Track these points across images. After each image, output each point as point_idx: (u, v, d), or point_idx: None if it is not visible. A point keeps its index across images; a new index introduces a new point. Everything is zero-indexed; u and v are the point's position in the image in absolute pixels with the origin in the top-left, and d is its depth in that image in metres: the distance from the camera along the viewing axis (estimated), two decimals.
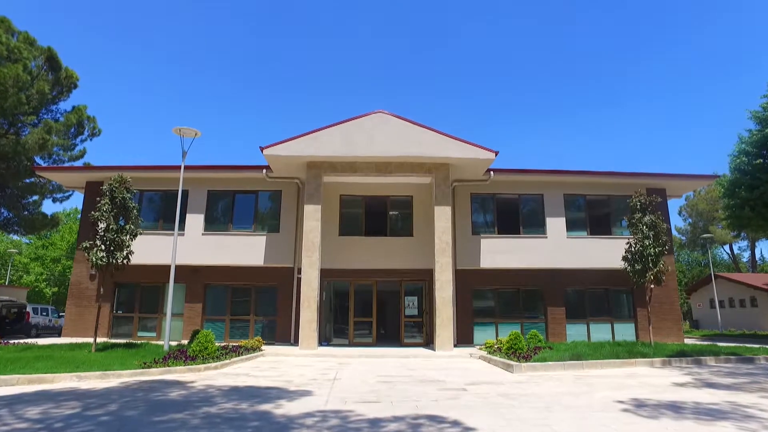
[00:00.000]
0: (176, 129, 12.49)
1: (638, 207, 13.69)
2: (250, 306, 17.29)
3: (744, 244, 39.67)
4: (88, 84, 75.18)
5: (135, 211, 12.94)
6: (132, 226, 12.73)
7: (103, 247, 12.23)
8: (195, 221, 17.26)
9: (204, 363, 10.29)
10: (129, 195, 12.74)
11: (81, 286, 17.31)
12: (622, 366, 10.99)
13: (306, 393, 7.60)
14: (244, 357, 12.14)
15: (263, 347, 14.84)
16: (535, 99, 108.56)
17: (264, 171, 16.71)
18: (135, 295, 17.51)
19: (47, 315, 23.07)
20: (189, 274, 17.23)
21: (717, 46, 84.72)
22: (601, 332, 17.42)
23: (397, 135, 15.48)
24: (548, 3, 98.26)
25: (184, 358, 10.32)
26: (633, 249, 13.65)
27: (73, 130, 22.49)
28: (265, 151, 15.23)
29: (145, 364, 9.40)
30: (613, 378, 9.36)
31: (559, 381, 9.03)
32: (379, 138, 15.44)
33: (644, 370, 10.50)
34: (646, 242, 13.13)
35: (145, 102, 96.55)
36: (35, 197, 24.56)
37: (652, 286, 17.65)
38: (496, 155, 15.38)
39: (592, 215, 18.16)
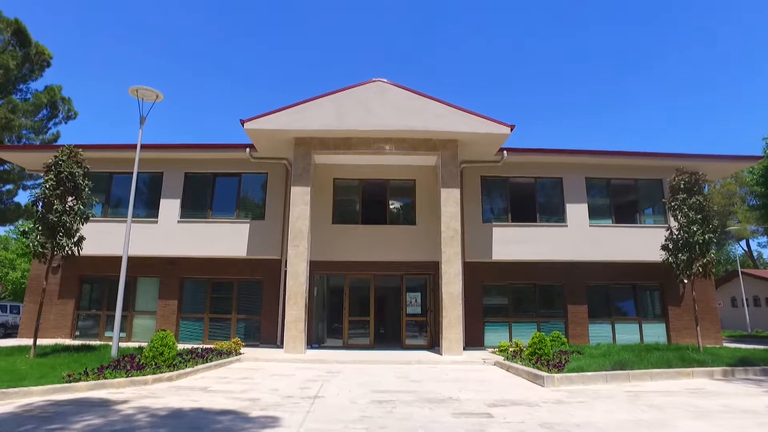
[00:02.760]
0: (132, 89, 10.18)
1: (681, 187, 11.37)
2: (232, 303, 15.02)
3: (763, 239, 37.27)
4: (66, 63, 70.09)
5: (87, 189, 10.68)
6: (82, 207, 10.48)
7: (46, 231, 9.99)
8: (170, 207, 14.97)
9: (155, 373, 8.01)
10: (80, 170, 10.49)
11: (41, 281, 15.00)
12: (676, 377, 8.68)
13: (270, 422, 5.33)
14: (213, 363, 9.87)
15: (243, 350, 12.58)
16: (552, 88, 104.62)
17: (247, 150, 14.43)
18: (103, 291, 15.23)
19: (18, 313, 20.81)
20: (163, 267, 14.99)
21: (748, 21, 79.07)
22: (627, 333, 15.13)
23: (397, 106, 13.20)
24: None
25: (129, 367, 8.05)
26: (676, 236, 11.33)
27: (45, 111, 20.25)
28: (247, 125, 12.97)
29: (70, 376, 7.11)
30: (677, 396, 7.07)
31: (611, 400, 6.75)
32: (376, 110, 13.16)
33: (709, 384, 8.20)
34: (693, 228, 10.80)
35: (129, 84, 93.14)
36: (9, 186, 22.33)
37: (685, 280, 15.46)
38: (511, 130, 13.09)
39: (618, 201, 15.84)
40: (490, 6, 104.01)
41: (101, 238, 14.44)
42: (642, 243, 14.81)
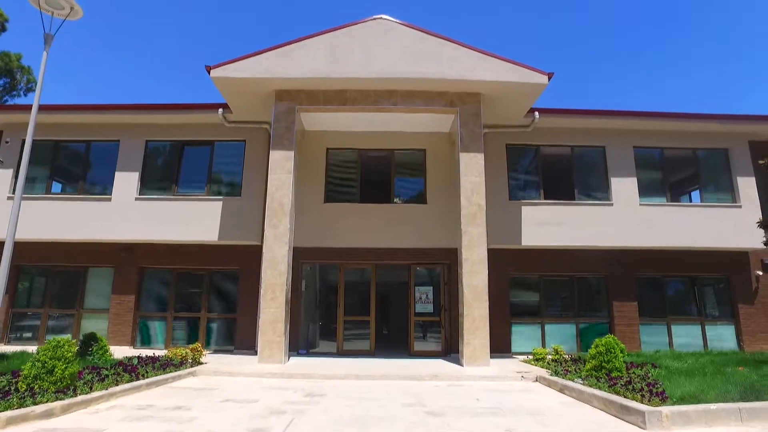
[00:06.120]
0: None
1: None
2: (202, 299, 11.90)
3: None
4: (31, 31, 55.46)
5: None
6: None
7: None
8: (126, 181, 11.85)
9: (22, 405, 4.87)
10: None
11: None
12: None
13: None
14: (145, 382, 6.71)
15: (206, 358, 9.49)
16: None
17: (220, 111, 11.33)
18: (46, 284, 12.14)
19: None
20: (118, 255, 11.91)
21: None
22: (687, 337, 11.93)
23: (405, 49, 10.07)
24: None
25: None
26: None
27: (2, 81, 17.17)
28: (214, 72, 9.87)
29: None
30: None
31: None
32: (379, 53, 10.04)
33: None
34: None
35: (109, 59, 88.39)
36: None
37: (760, 272, 12.32)
38: (549, 78, 9.95)
39: (673, 176, 12.66)
40: None
41: (43, 219, 11.44)
42: (704, 226, 11.65)
